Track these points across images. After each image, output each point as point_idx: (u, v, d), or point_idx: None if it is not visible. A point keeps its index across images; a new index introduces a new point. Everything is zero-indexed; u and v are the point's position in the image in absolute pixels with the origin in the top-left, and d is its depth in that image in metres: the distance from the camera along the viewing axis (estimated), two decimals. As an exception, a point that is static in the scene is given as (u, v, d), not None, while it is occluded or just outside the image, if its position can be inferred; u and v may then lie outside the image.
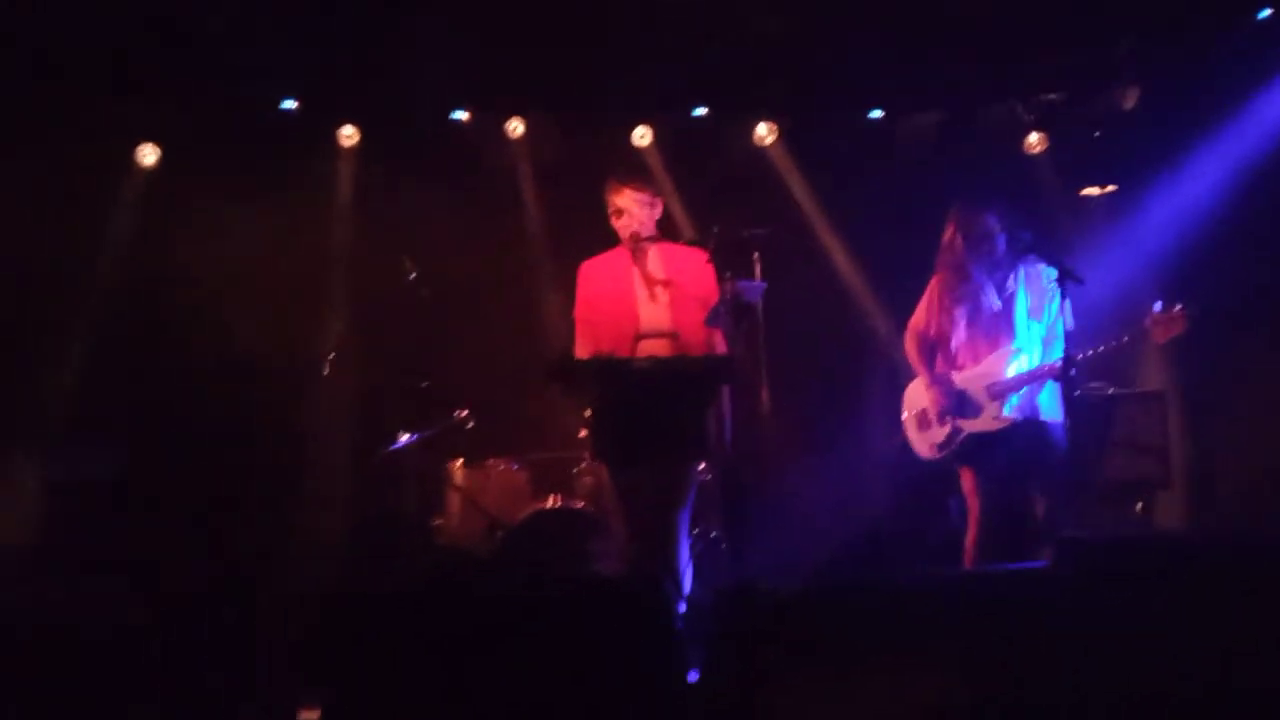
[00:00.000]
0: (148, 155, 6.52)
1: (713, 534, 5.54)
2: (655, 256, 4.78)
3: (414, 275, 5.97)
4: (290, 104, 6.50)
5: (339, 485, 6.37)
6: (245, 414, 6.17)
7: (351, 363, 6.18)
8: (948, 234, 4.90)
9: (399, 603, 3.60)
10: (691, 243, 4.87)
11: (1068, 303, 4.48)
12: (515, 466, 6.00)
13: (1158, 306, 4.55)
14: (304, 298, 6.51)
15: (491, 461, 5.95)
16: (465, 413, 5.93)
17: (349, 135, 6.66)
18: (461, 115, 6.69)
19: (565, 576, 5.13)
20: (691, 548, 4.73)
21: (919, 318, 5.06)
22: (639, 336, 4.64)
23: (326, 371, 6.05)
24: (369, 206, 6.71)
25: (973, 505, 4.89)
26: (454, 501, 5.91)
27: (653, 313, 4.70)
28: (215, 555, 5.40)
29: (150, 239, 6.44)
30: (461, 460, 5.92)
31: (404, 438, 5.83)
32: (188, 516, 5.75)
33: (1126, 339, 4.65)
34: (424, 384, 5.97)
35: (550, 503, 5.68)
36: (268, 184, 6.33)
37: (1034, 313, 4.82)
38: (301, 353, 6.31)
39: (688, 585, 4.54)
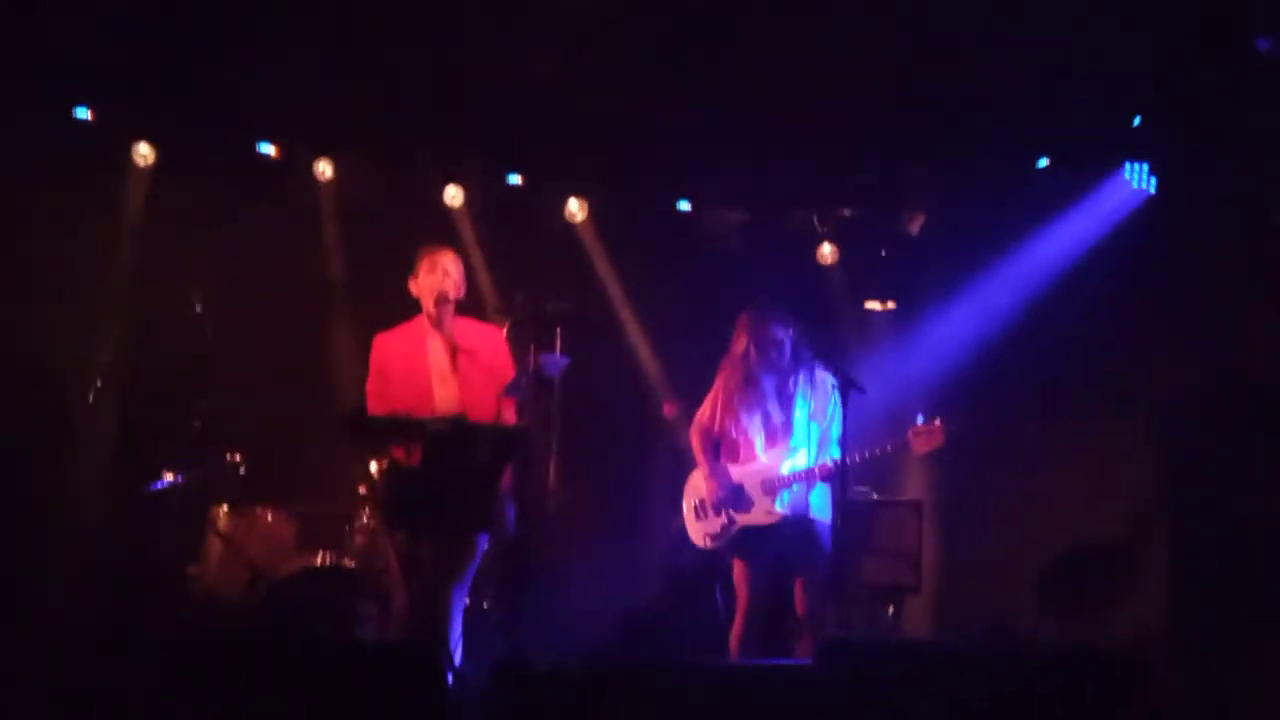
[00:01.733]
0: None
1: (484, 605, 5.47)
2: (451, 329, 4.73)
3: (199, 308, 5.72)
4: (84, 113, 6.17)
5: (91, 521, 5.96)
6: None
7: (121, 392, 5.84)
8: (739, 341, 5.08)
9: (149, 652, 3.41)
10: (495, 311, 4.87)
11: (845, 409, 4.70)
12: (285, 517, 5.76)
13: (919, 419, 4.83)
14: (79, 320, 6.13)
15: (260, 510, 5.69)
16: (238, 457, 5.68)
17: (144, 154, 6.36)
18: (269, 149, 6.49)
19: (334, 638, 4.98)
20: (464, 619, 4.66)
21: (704, 411, 5.22)
22: (433, 418, 4.56)
23: (91, 399, 5.69)
24: (159, 231, 6.40)
25: (741, 595, 5.04)
26: (215, 548, 5.61)
27: (446, 394, 4.65)
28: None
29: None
30: (227, 506, 5.64)
31: (168, 477, 5.54)
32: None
33: (890, 448, 4.91)
34: (196, 422, 5.69)
35: (320, 559, 5.48)
36: (52, 195, 5.96)
37: (813, 415, 5.04)
38: (67, 376, 5.92)
39: (458, 656, 4.47)
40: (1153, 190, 6.03)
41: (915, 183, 6.91)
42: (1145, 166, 6.03)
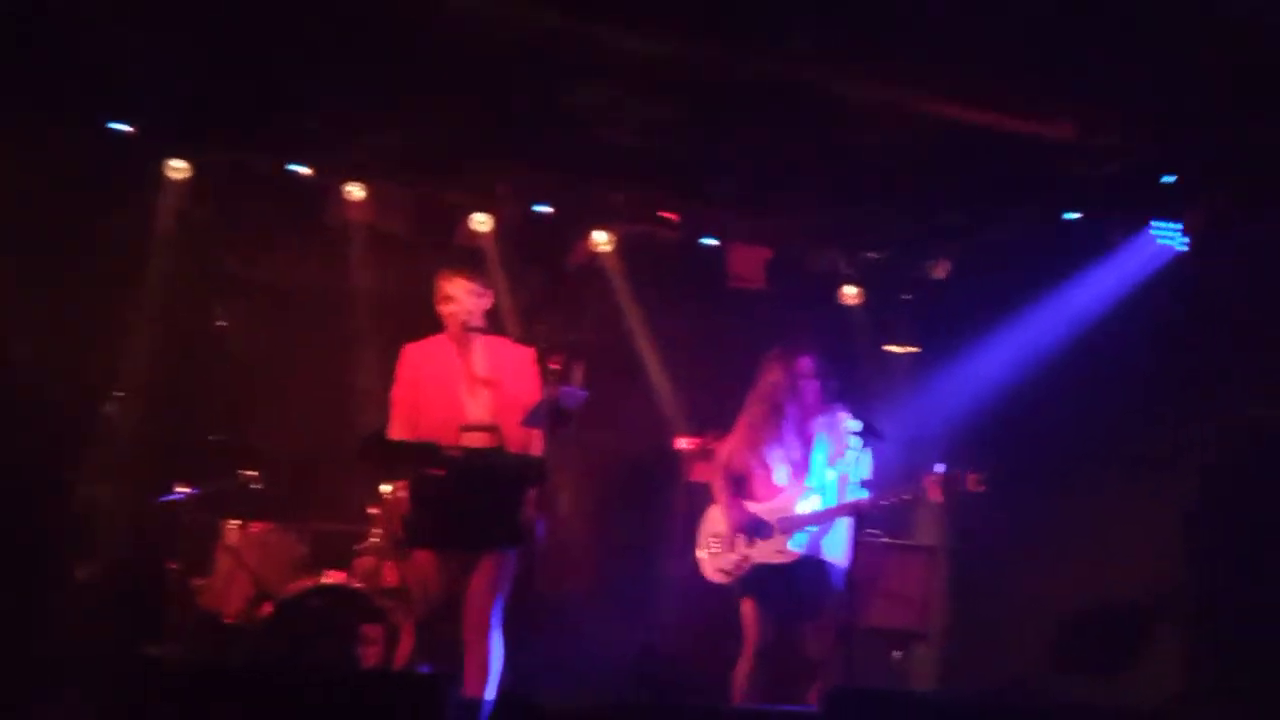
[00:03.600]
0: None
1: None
2: (480, 349, 4.75)
3: (223, 324, 5.75)
4: (121, 126, 6.22)
5: (106, 529, 5.97)
6: (15, 443, 5.76)
7: (141, 405, 5.86)
8: (770, 375, 5.08)
9: (160, 671, 3.41)
10: (516, 341, 4.87)
11: (867, 454, 4.68)
12: (294, 535, 5.76)
13: (939, 468, 4.79)
14: (103, 330, 6.16)
15: (269, 527, 5.70)
16: (253, 474, 5.69)
17: (177, 168, 6.41)
18: (303, 170, 6.53)
19: (337, 659, 4.96)
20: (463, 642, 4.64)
21: (725, 448, 5.21)
22: (464, 428, 4.58)
23: (107, 408, 5.71)
24: (189, 245, 6.44)
25: (749, 636, 5.00)
26: (224, 563, 5.62)
27: (476, 406, 4.66)
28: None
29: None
30: (239, 522, 5.64)
31: (180, 490, 5.54)
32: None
33: (908, 496, 4.87)
34: (212, 437, 5.72)
35: (327, 579, 5.47)
36: (84, 206, 6.01)
37: (832, 457, 5.02)
38: (88, 387, 5.95)
39: (497, 670, 4.46)
40: (1181, 247, 6.00)
41: (942, 229, 6.90)
42: (1177, 225, 5.99)
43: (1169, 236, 5.96)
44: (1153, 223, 5.97)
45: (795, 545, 4.93)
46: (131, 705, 2.80)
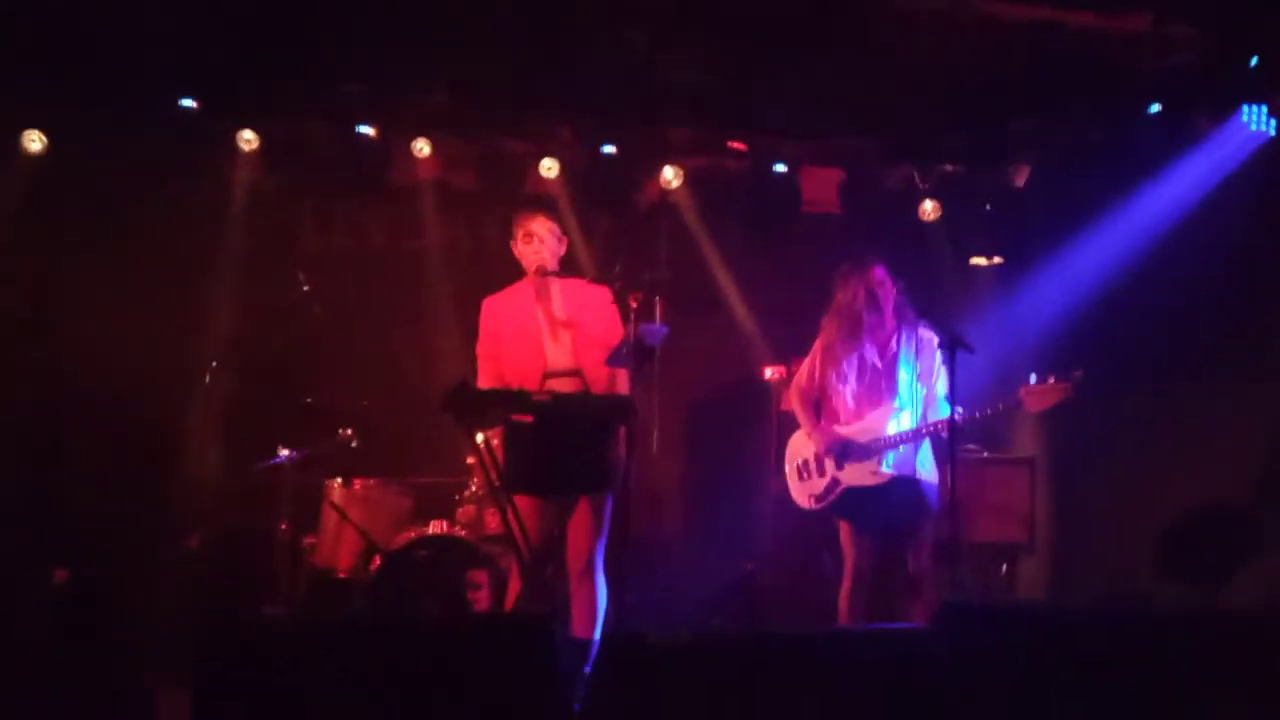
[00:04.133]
0: (33, 142, 6.25)
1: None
2: (559, 292, 4.78)
3: (306, 289, 5.86)
4: (189, 102, 6.32)
5: (211, 498, 6.16)
6: (119, 418, 5.96)
7: (234, 374, 6.01)
8: (844, 292, 5.01)
9: (274, 628, 3.51)
10: (594, 282, 4.87)
11: (952, 368, 4.61)
12: (396, 488, 5.89)
13: (1033, 378, 4.71)
14: (191, 304, 6.32)
15: (372, 483, 5.82)
16: (349, 432, 5.81)
17: (248, 140, 6.50)
18: (368, 130, 6.58)
19: (451, 609, 5.08)
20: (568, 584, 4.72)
21: (804, 373, 5.17)
22: (547, 374, 4.63)
23: (207, 380, 5.87)
24: (265, 214, 6.56)
25: (848, 557, 4.99)
26: (330, 521, 5.76)
27: (558, 351, 4.70)
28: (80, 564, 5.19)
29: (30, 232, 6.17)
30: (340, 479, 5.78)
31: (283, 453, 5.69)
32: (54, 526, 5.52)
33: (1002, 407, 4.79)
34: (307, 400, 5.85)
35: (432, 529, 5.59)
36: (160, 183, 6.15)
37: (919, 376, 4.96)
38: (183, 360, 6.12)
39: (602, 610, 4.54)
40: (1273, 132, 5.77)
41: (1019, 135, 6.72)
42: (1264, 108, 5.76)
43: (1258, 121, 5.74)
44: (1243, 107, 5.74)
45: (886, 466, 4.90)
46: (252, 664, 2.89)
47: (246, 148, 6.48)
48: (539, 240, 4.70)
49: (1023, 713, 2.79)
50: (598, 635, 4.49)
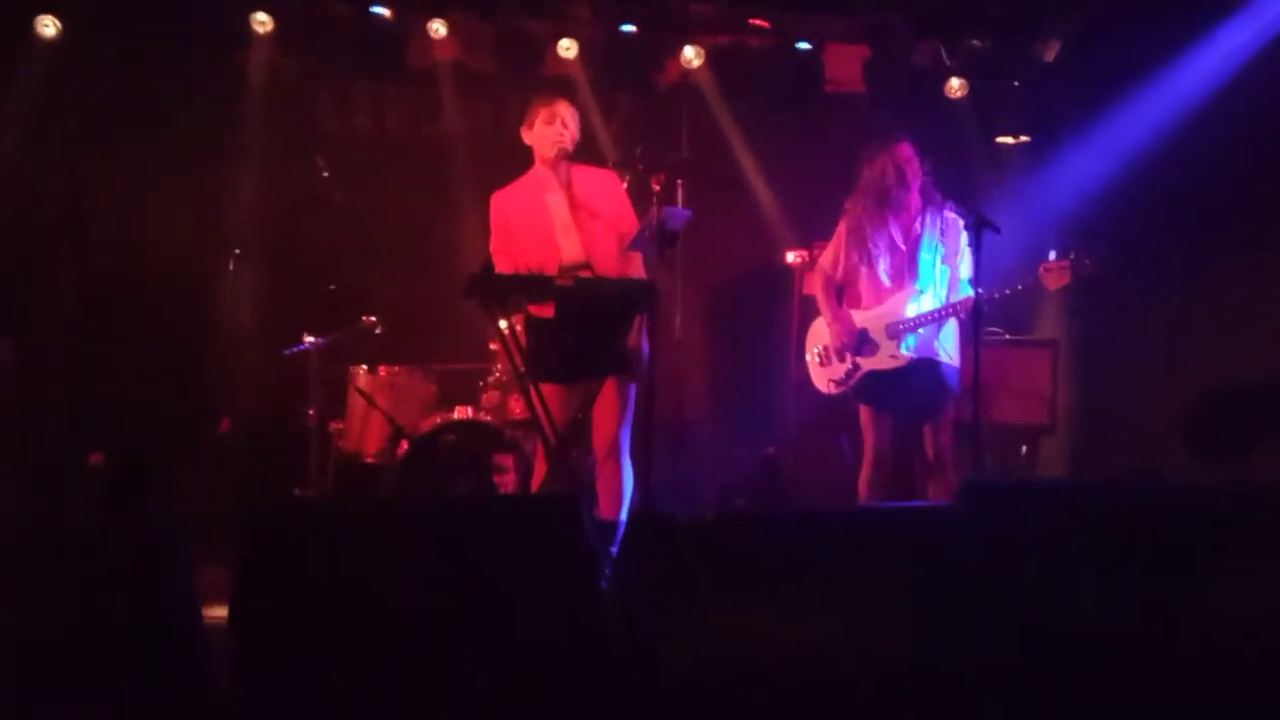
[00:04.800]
0: (47, 27, 6.17)
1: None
2: (571, 180, 4.73)
3: (326, 175, 5.82)
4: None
5: (239, 385, 6.23)
6: (144, 308, 6.01)
7: (257, 262, 6.02)
8: (871, 167, 4.93)
9: (305, 511, 3.58)
10: (615, 164, 4.82)
11: (978, 248, 4.56)
12: (421, 375, 5.93)
13: (1052, 255, 4.66)
14: (212, 190, 6.30)
15: (397, 369, 5.85)
16: (373, 319, 5.84)
17: (262, 22, 6.40)
18: (382, 11, 6.46)
19: (473, 489, 5.16)
20: (594, 467, 4.78)
21: (827, 258, 5.13)
22: (562, 269, 4.60)
23: (231, 267, 5.89)
24: (283, 99, 6.49)
25: (868, 441, 5.02)
26: (356, 407, 5.82)
27: (570, 244, 4.67)
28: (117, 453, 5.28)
29: (47, 120, 6.12)
30: (365, 366, 5.83)
31: (308, 340, 5.73)
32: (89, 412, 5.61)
33: (1021, 286, 4.75)
34: (331, 286, 5.86)
35: (458, 415, 5.65)
36: (175, 67, 6.08)
37: (944, 258, 4.91)
38: (207, 248, 6.13)
39: (629, 493, 4.61)
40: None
41: (1049, 7, 6.54)
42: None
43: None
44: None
45: (906, 349, 4.89)
46: (286, 547, 2.95)
47: (261, 30, 6.38)
48: (561, 124, 4.65)
49: (1045, 588, 2.83)
50: (624, 517, 4.56)
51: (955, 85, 6.97)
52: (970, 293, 4.60)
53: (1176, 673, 2.79)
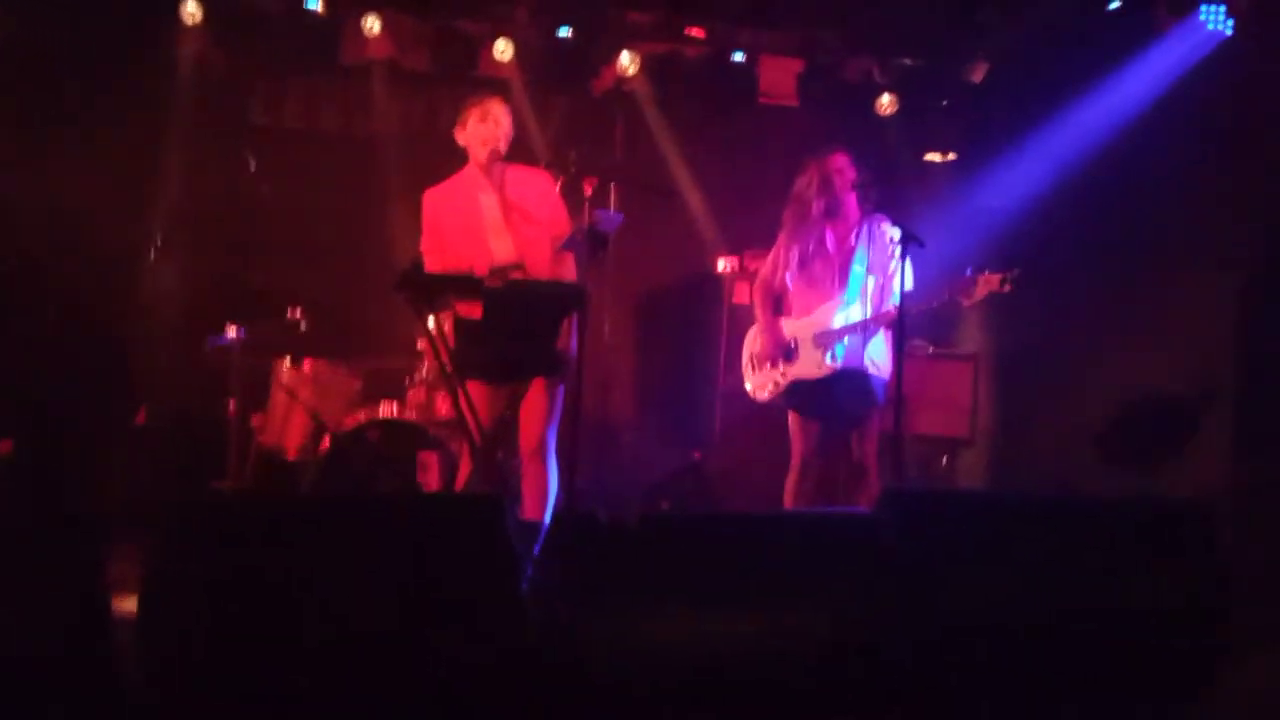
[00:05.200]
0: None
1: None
2: (507, 179, 4.72)
3: (254, 167, 5.74)
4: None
5: (159, 376, 6.11)
6: (67, 294, 5.86)
7: (180, 252, 5.91)
8: (803, 179, 5.00)
9: (220, 506, 3.52)
10: (548, 166, 4.81)
11: (907, 263, 4.64)
12: (346, 371, 5.85)
13: (968, 271, 4.76)
14: (134, 181, 6.18)
15: (322, 364, 5.76)
16: (298, 312, 5.76)
17: (191, 12, 6.29)
18: (315, 7, 6.39)
19: (401, 487, 5.10)
20: (519, 467, 4.76)
21: (768, 267, 5.19)
22: (492, 271, 4.59)
23: (152, 257, 5.77)
24: (213, 91, 6.38)
25: (795, 447, 5.08)
26: (279, 401, 5.73)
27: (502, 244, 4.66)
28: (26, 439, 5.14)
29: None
30: (289, 360, 5.74)
31: (230, 332, 5.63)
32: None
33: (942, 300, 4.83)
34: (255, 279, 5.78)
35: (383, 411, 5.59)
36: (105, 57, 5.95)
37: (870, 268, 4.99)
38: (131, 237, 6.01)
39: (553, 494, 4.61)
40: (1229, 33, 5.77)
41: (978, 29, 6.67)
42: (1222, 8, 5.75)
43: (1216, 21, 5.74)
44: (1202, 6, 5.73)
45: (832, 359, 4.96)
46: (200, 541, 2.89)
47: (190, 21, 6.27)
48: (494, 122, 4.63)
49: (964, 594, 2.89)
50: (548, 518, 4.55)
51: (885, 102, 7.09)
52: (899, 303, 4.68)
53: (1083, 670, 2.88)
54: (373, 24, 6.47)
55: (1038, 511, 3.08)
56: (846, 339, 4.94)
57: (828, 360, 4.96)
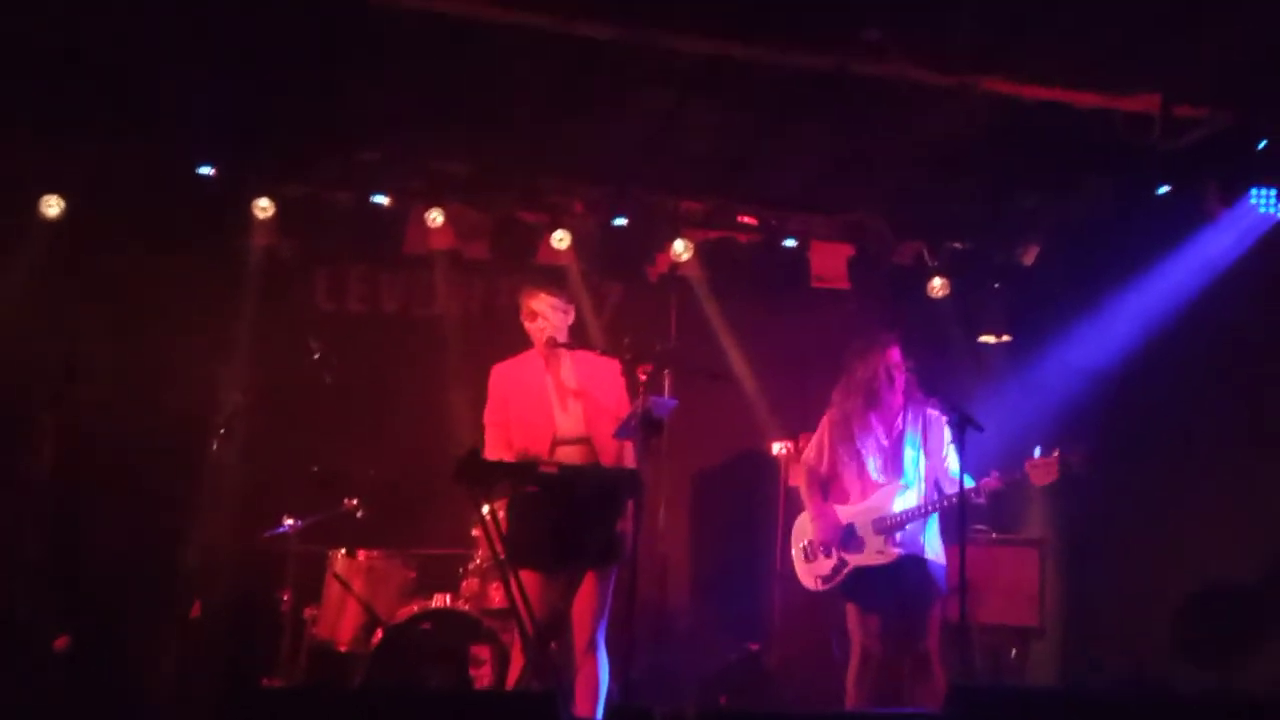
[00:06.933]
0: (51, 207, 6.30)
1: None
2: (568, 363, 4.78)
3: (318, 356, 5.86)
4: (208, 170, 6.39)
5: (215, 566, 6.11)
6: (129, 484, 5.95)
7: (243, 440, 5.99)
8: (865, 365, 5.00)
9: (274, 701, 3.46)
10: (603, 353, 4.87)
11: (962, 446, 4.58)
12: (400, 560, 5.84)
13: (1037, 452, 4.68)
14: (203, 369, 6.33)
15: (376, 554, 5.78)
16: (355, 502, 5.78)
17: (264, 208, 6.54)
18: (382, 199, 6.64)
19: (448, 682, 5.00)
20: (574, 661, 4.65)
21: (812, 451, 5.15)
22: (556, 442, 4.61)
23: (214, 447, 5.85)
24: (280, 280, 6.60)
25: (855, 640, 4.93)
26: (333, 592, 5.71)
27: (568, 419, 4.69)
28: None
29: (46, 296, 6.20)
30: (344, 550, 5.74)
31: (287, 522, 5.66)
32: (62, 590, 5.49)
33: (1008, 481, 4.73)
34: (314, 468, 5.82)
35: (435, 603, 5.53)
36: (175, 248, 6.19)
37: (926, 453, 4.92)
38: (194, 425, 6.11)
39: (605, 687, 4.49)
40: (1280, 214, 5.79)
41: (1028, 213, 6.76)
42: (1273, 191, 5.79)
43: (1268, 204, 5.76)
44: (1252, 190, 5.77)
45: (894, 545, 4.85)
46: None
47: (262, 215, 6.53)
48: (542, 318, 4.74)
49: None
50: (599, 714, 4.41)
51: (937, 285, 7.14)
52: (955, 488, 4.59)
53: None
54: (436, 216, 6.69)
55: (1115, 710, 2.92)
56: (907, 525, 4.84)
57: (888, 547, 4.85)
